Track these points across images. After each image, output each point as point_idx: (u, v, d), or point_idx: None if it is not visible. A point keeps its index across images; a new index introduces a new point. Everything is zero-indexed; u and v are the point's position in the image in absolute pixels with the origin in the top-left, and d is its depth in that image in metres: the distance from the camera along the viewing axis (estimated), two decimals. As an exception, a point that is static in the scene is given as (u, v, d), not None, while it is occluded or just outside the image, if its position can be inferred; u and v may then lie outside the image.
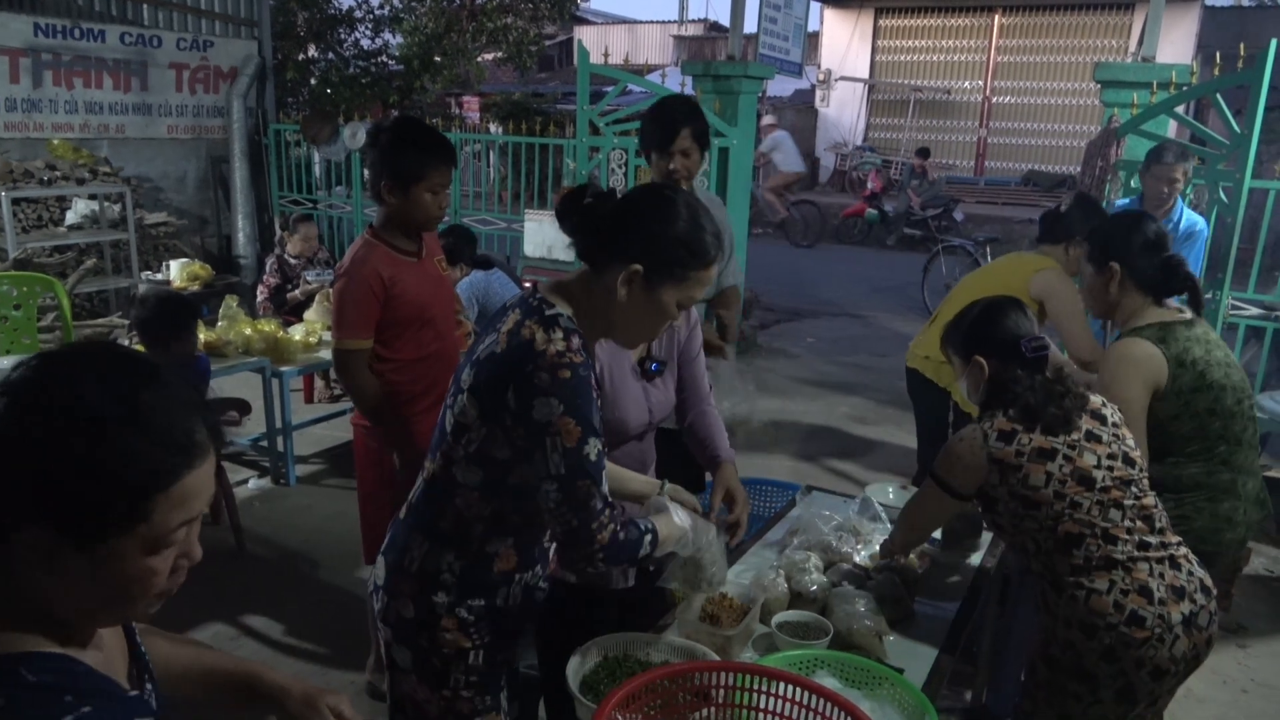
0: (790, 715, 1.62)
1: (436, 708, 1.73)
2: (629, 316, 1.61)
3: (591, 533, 1.56)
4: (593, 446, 1.53)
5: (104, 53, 7.92)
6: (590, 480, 1.54)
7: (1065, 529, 1.90)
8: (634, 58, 18.63)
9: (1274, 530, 4.51)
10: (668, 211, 1.57)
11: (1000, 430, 1.95)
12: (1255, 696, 3.24)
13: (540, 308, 1.58)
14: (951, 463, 2.01)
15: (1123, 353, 2.33)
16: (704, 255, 1.59)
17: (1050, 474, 1.90)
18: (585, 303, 1.61)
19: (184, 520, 0.91)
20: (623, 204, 1.60)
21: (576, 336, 1.55)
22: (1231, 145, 4.75)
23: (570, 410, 1.49)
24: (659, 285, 1.57)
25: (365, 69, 11.61)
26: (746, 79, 7.00)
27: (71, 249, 7.20)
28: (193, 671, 1.28)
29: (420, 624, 1.68)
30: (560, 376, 1.49)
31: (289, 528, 4.22)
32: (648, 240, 1.56)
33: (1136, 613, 1.86)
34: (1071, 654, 1.93)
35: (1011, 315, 2.08)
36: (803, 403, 6.46)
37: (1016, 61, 18.14)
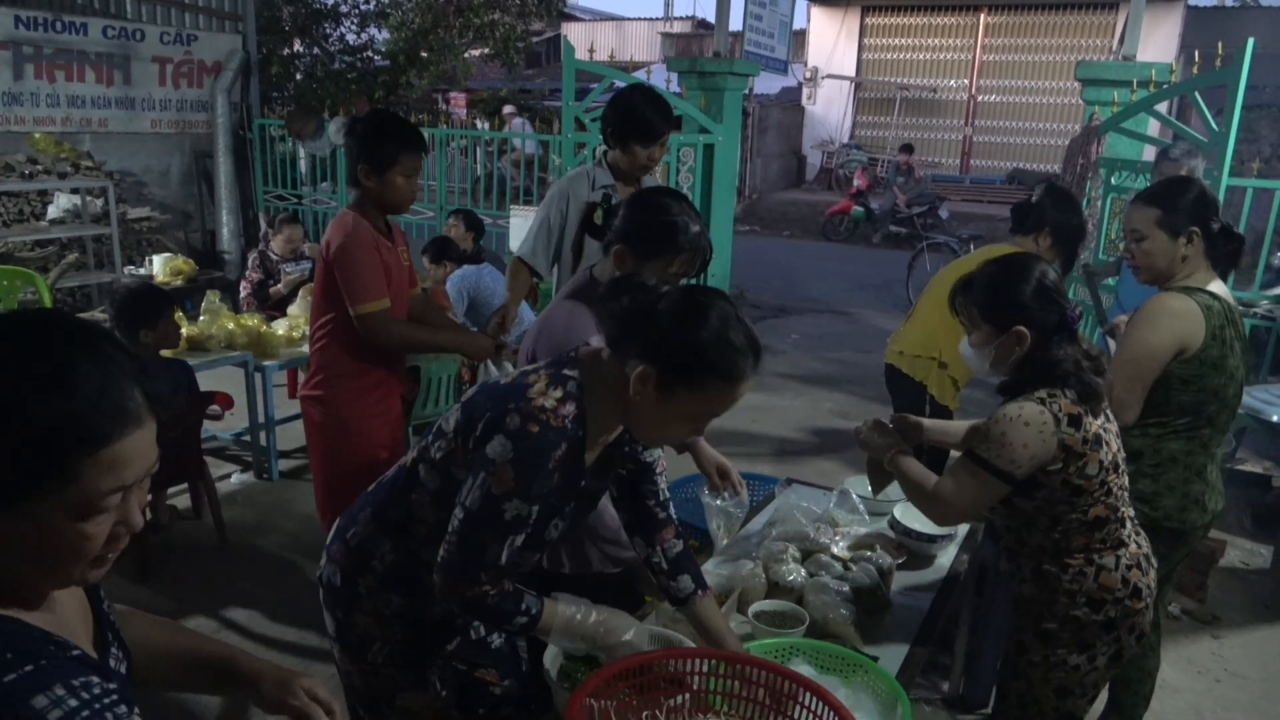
0: (765, 701, 1.64)
1: (360, 679, 1.76)
2: (640, 415, 1.54)
3: (463, 579, 1.51)
4: (513, 508, 1.46)
5: (86, 46, 7.87)
6: (491, 534, 1.48)
7: (1096, 512, 1.89)
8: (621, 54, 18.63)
9: (1249, 523, 4.57)
10: (694, 315, 1.46)
11: (1070, 414, 1.82)
12: (1228, 686, 3.28)
13: (563, 363, 1.56)
14: (1013, 448, 1.82)
15: (1168, 303, 2.30)
16: (725, 373, 1.47)
17: (1102, 462, 1.85)
18: (606, 384, 1.54)
19: (116, 486, 0.91)
20: (658, 299, 1.51)
21: (573, 404, 1.49)
22: (1210, 144, 4.79)
23: (515, 462, 1.44)
24: (672, 392, 1.48)
25: (351, 64, 11.56)
26: (732, 76, 7.03)
27: (53, 243, 7.15)
28: (171, 653, 1.28)
29: (342, 596, 1.71)
30: (528, 428, 1.45)
31: (272, 522, 4.22)
32: (664, 342, 1.46)
33: (1137, 586, 1.93)
34: (1073, 626, 1.94)
35: (1050, 279, 1.92)
36: (787, 398, 6.49)
37: (1002, 60, 18.24)
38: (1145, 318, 2.33)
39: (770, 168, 18.88)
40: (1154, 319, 2.31)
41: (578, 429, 1.50)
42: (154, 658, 1.26)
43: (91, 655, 1.02)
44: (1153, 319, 2.31)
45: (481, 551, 1.49)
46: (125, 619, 1.25)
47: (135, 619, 1.28)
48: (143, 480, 0.98)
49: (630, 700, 1.63)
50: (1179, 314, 2.28)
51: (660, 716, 1.61)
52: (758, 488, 3.31)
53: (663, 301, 1.49)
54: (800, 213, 16.53)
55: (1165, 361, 2.29)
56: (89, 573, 0.96)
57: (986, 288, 1.95)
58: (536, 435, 1.45)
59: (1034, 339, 1.89)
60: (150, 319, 3.50)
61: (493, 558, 1.49)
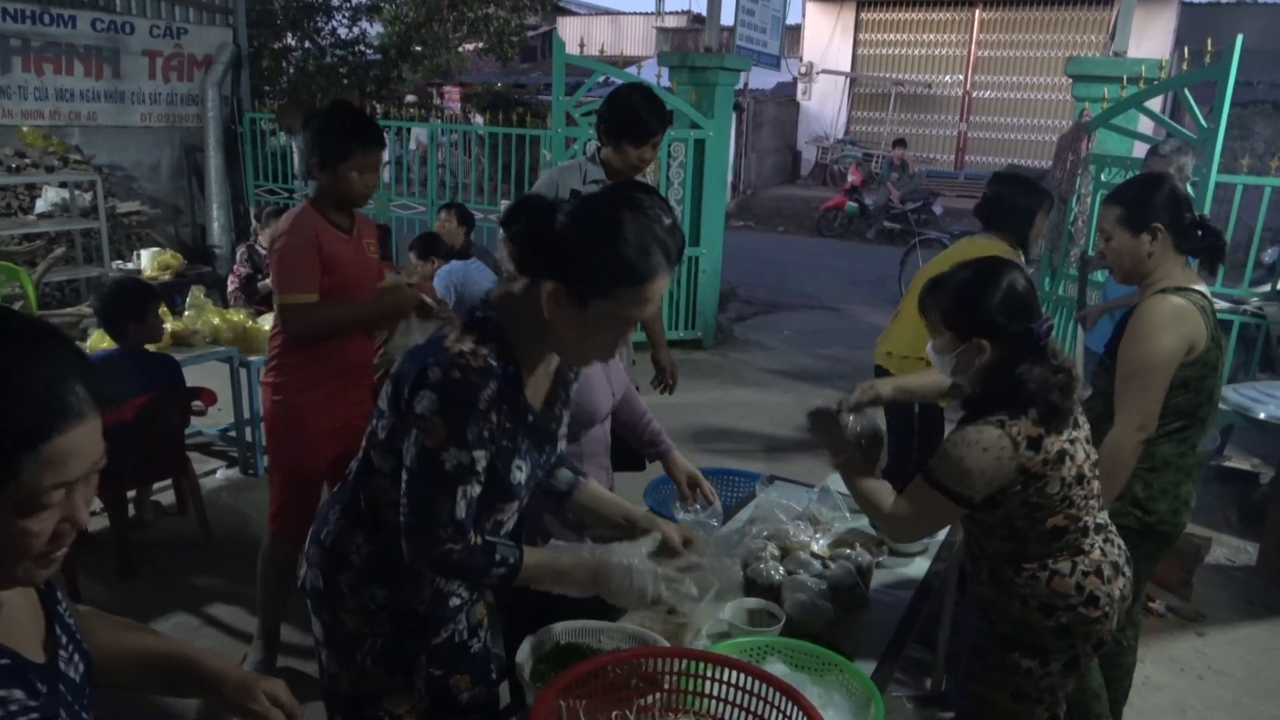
0: (736, 701, 1.63)
1: (346, 681, 1.74)
2: (561, 336, 1.51)
3: (424, 540, 1.49)
4: (452, 458, 1.44)
5: (75, 39, 7.82)
6: (437, 489, 1.46)
7: (1055, 522, 1.87)
8: (616, 49, 18.58)
9: (1236, 520, 4.57)
10: (592, 221, 1.44)
11: (1030, 436, 1.78)
12: (1211, 683, 3.29)
13: (474, 309, 1.54)
14: (969, 474, 1.79)
15: (1171, 305, 2.24)
16: (629, 272, 1.42)
17: (1064, 479, 1.83)
18: (523, 315, 1.51)
19: (58, 482, 0.90)
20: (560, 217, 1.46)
21: (492, 343, 1.48)
22: (1199, 140, 4.79)
23: (444, 411, 1.43)
24: (584, 304, 1.44)
25: (343, 58, 11.51)
26: (723, 71, 7.01)
27: (41, 237, 7.12)
28: (132, 655, 1.27)
29: (326, 598, 1.69)
30: (450, 376, 1.43)
31: (256, 518, 4.19)
32: (568, 254, 1.44)
33: (1094, 594, 1.89)
34: (1025, 629, 1.93)
35: (1020, 289, 1.84)
36: (777, 395, 6.48)
37: (997, 56, 18.25)
38: (1151, 324, 2.24)
39: (765, 163, 18.87)
40: (1161, 324, 2.23)
41: (504, 365, 1.48)
42: (115, 660, 1.25)
43: (33, 660, 1.01)
44: (1160, 324, 2.23)
45: (433, 508, 1.47)
46: (86, 620, 1.24)
47: (96, 620, 1.27)
48: (89, 476, 0.96)
49: (603, 699, 1.62)
50: (1182, 314, 2.24)
51: (630, 716, 1.60)
52: (739, 484, 3.30)
53: (559, 214, 1.46)
54: (795, 208, 16.52)
55: (1175, 367, 2.23)
56: (34, 572, 0.95)
57: (951, 294, 1.88)
58: (459, 380, 1.43)
59: (998, 352, 1.83)
60: (137, 314, 3.50)
61: (446, 513, 1.47)
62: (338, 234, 2.77)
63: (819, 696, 1.80)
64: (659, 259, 1.45)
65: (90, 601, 3.39)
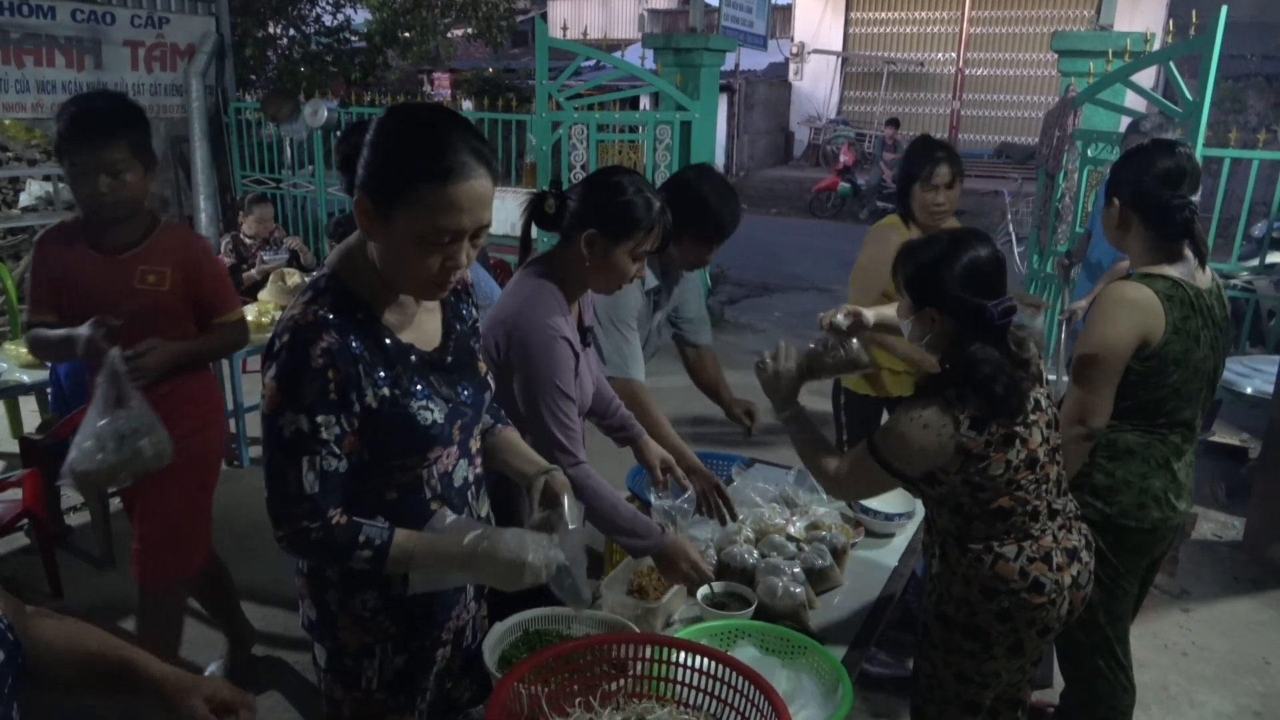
0: (702, 686, 1.62)
1: (350, 708, 1.68)
2: (382, 259, 1.41)
3: (281, 517, 1.41)
4: (289, 422, 1.36)
5: (55, 30, 7.74)
6: (280, 457, 1.38)
7: (1000, 503, 1.83)
8: (609, 33, 18.44)
9: (1223, 496, 4.57)
10: (379, 123, 1.39)
11: (973, 417, 1.75)
12: (1195, 659, 3.29)
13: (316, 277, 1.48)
14: (909, 450, 1.79)
15: (1125, 294, 2.16)
16: (428, 170, 1.33)
17: (1009, 462, 1.78)
18: (357, 252, 1.46)
19: None
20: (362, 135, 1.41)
21: (326, 295, 1.41)
22: (1184, 114, 4.75)
23: (278, 375, 1.37)
24: (389, 216, 1.36)
25: (328, 46, 11.42)
26: (708, 52, 6.96)
27: (26, 231, 7.08)
28: (74, 654, 1.24)
29: (323, 625, 1.63)
30: (281, 340, 1.38)
31: (240, 509, 4.17)
32: (363, 163, 1.37)
33: (1038, 580, 1.85)
34: (966, 611, 1.91)
35: (983, 265, 1.78)
36: (766, 377, 6.47)
37: (989, 33, 18.15)
38: (1102, 311, 2.18)
39: (757, 144, 18.80)
40: (1111, 312, 2.16)
41: (347, 313, 1.41)
42: (59, 659, 1.23)
43: None
44: (1110, 312, 2.16)
45: (282, 482, 1.39)
46: (32, 619, 1.23)
47: (43, 619, 1.25)
48: None
49: (568, 685, 1.62)
50: (1137, 305, 2.13)
51: (594, 702, 1.59)
52: (719, 468, 3.28)
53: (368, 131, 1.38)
54: (788, 190, 16.47)
55: (1127, 356, 2.14)
56: None
57: (914, 259, 1.85)
58: (288, 342, 1.37)
59: (949, 325, 1.80)
60: None
61: (295, 486, 1.38)
62: (90, 250, 2.35)
63: (788, 680, 1.80)
64: (465, 156, 1.33)
65: (71, 593, 3.40)
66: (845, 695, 1.73)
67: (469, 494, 1.66)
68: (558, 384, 1.97)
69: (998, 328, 1.77)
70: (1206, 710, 3.03)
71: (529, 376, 1.97)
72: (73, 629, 1.27)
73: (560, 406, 1.98)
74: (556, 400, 1.97)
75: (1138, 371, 2.16)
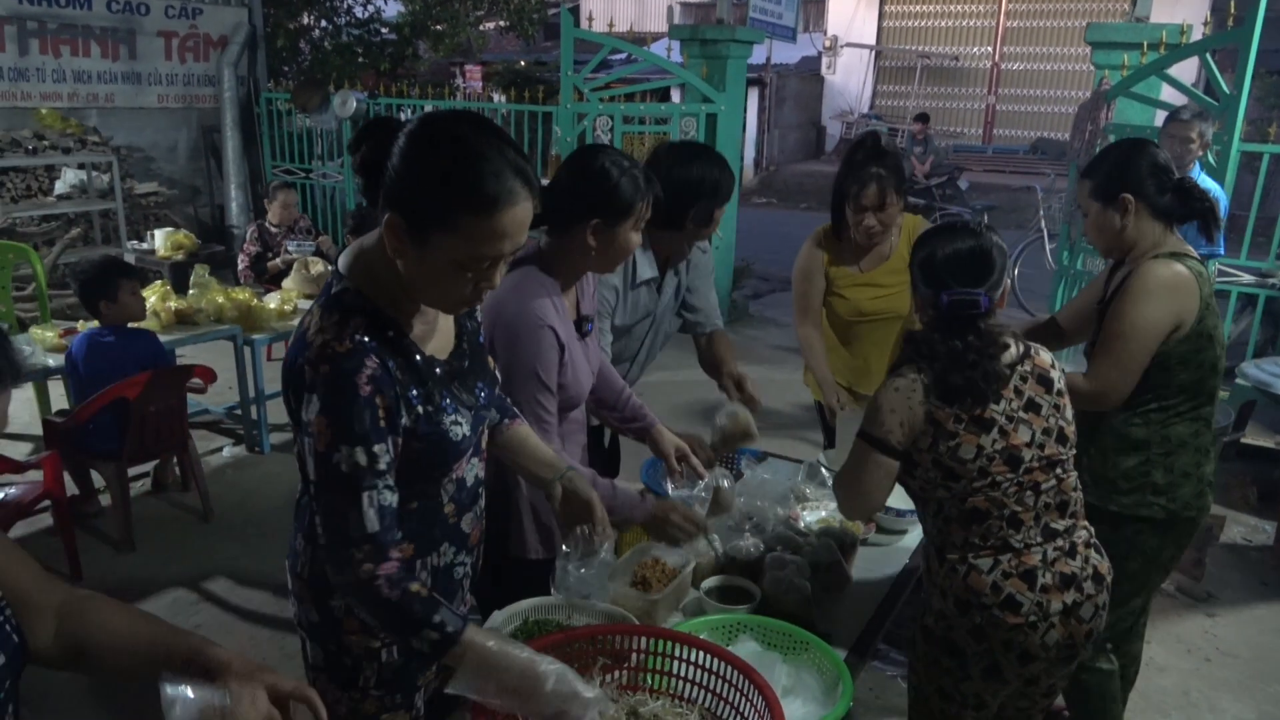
0: (698, 680, 1.60)
1: (345, 707, 1.65)
2: (411, 277, 1.34)
3: (342, 562, 1.34)
4: (345, 457, 1.30)
5: (90, 20, 7.87)
6: (337, 496, 1.32)
7: (975, 503, 1.77)
8: (637, 25, 18.40)
9: (1254, 499, 4.46)
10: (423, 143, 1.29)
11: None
12: (1218, 665, 3.21)
13: (331, 284, 1.39)
14: (883, 413, 1.77)
15: (1162, 273, 2.13)
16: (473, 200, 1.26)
17: (981, 448, 1.73)
18: (377, 264, 1.37)
19: None
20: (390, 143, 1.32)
21: (356, 316, 1.33)
22: (1220, 107, 4.63)
23: (325, 409, 1.29)
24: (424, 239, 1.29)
25: (359, 37, 11.50)
26: (735, 44, 6.90)
27: (60, 218, 7.20)
28: (134, 640, 1.20)
29: (325, 628, 1.60)
30: (320, 371, 1.30)
31: (259, 495, 4.23)
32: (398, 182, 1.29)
33: (1013, 597, 1.75)
34: (943, 625, 1.84)
35: (965, 251, 1.77)
36: (786, 371, 6.41)
37: (1026, 26, 17.84)
38: (1140, 291, 2.14)
39: (788, 139, 18.66)
40: (1150, 292, 2.13)
41: (380, 334, 1.35)
42: (116, 644, 1.19)
43: None
44: (1148, 293, 2.13)
45: (344, 523, 1.32)
46: (86, 603, 1.20)
47: (96, 604, 1.21)
48: None
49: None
50: (1176, 286, 2.12)
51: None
52: (733, 461, 3.25)
53: (397, 141, 1.29)
54: (818, 184, 16.32)
55: (1161, 338, 2.13)
56: None
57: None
58: (329, 373, 1.29)
59: (927, 307, 1.84)
60: (108, 292, 3.54)
61: (357, 527, 1.32)
62: None
63: (789, 675, 1.77)
64: (509, 181, 1.26)
65: (91, 574, 3.45)
66: (845, 693, 1.69)
67: (479, 491, 1.64)
68: (539, 373, 1.95)
69: (969, 318, 1.76)
70: (1228, 717, 2.95)
71: (511, 363, 1.95)
72: (128, 614, 1.24)
73: (538, 398, 1.97)
74: (535, 391, 1.96)
75: (1178, 354, 2.16)
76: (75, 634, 1.18)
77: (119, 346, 3.61)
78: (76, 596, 1.20)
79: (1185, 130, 4.10)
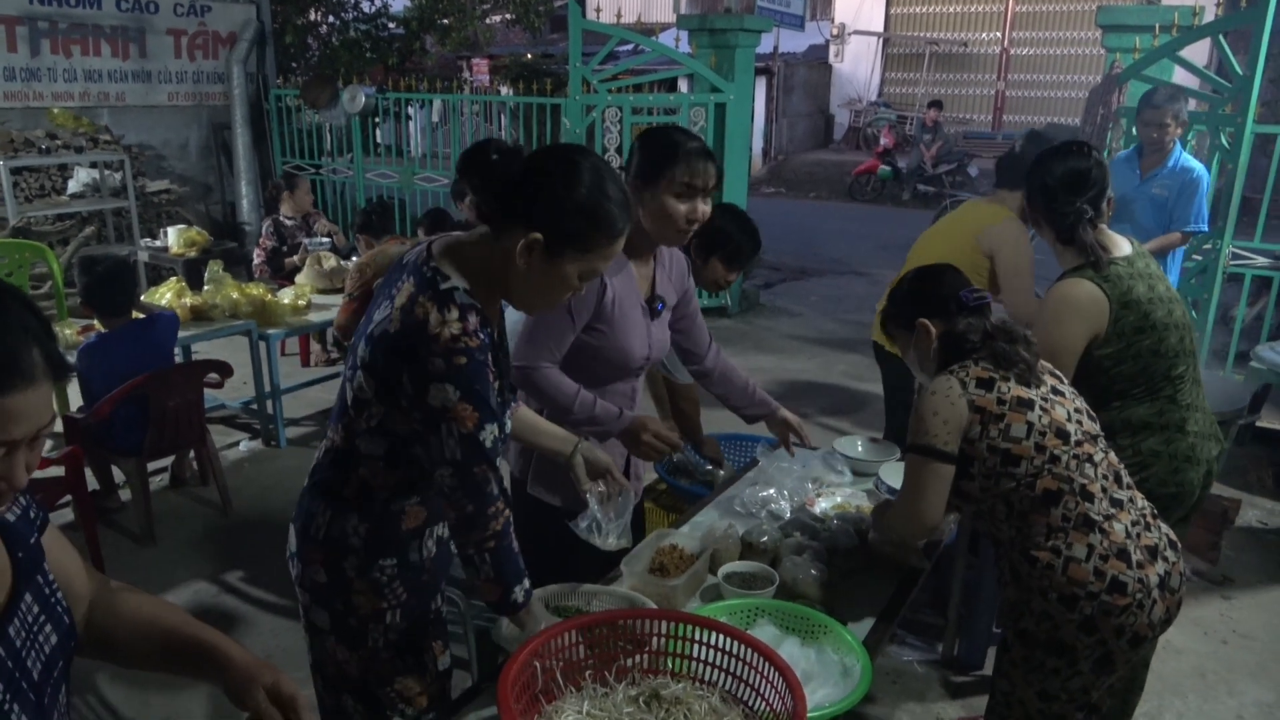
0: (718, 663, 1.61)
1: (356, 667, 1.72)
2: (527, 285, 1.53)
3: (488, 518, 1.54)
4: (489, 432, 1.50)
5: (101, 19, 7.91)
6: (487, 464, 1.52)
7: (1044, 485, 1.77)
8: (645, 16, 18.35)
9: (1270, 482, 4.45)
10: (572, 177, 1.46)
11: (978, 377, 1.81)
12: (1235, 647, 3.21)
13: (434, 280, 1.48)
14: (926, 419, 1.81)
15: (1064, 294, 2.21)
16: (609, 228, 1.49)
17: (1031, 424, 1.77)
18: (481, 268, 1.52)
19: (1, 440, 0.91)
20: (527, 165, 1.49)
21: (474, 314, 1.47)
22: (1233, 89, 4.60)
23: (467, 396, 1.45)
24: (559, 255, 1.48)
25: (366, 32, 11.52)
26: (743, 33, 6.89)
27: (74, 217, 7.25)
28: (155, 630, 1.23)
29: (334, 588, 1.66)
30: (456, 363, 1.44)
31: (276, 489, 4.27)
32: (548, 207, 1.46)
33: (1117, 579, 1.74)
34: (1048, 625, 1.80)
35: (945, 274, 2.00)
36: (801, 360, 6.42)
37: (1035, 11, 17.72)
38: (1052, 316, 2.21)
39: (797, 128, 18.60)
40: (1057, 314, 2.20)
41: (488, 331, 1.52)
42: (138, 634, 1.23)
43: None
44: (1056, 314, 2.21)
45: (489, 487, 1.53)
46: (117, 594, 1.24)
47: (126, 595, 1.25)
48: (34, 441, 0.96)
49: (584, 660, 1.62)
50: (1080, 304, 2.18)
51: (609, 676, 1.59)
52: (744, 449, 3.28)
53: (535, 164, 1.48)
54: (827, 173, 16.29)
55: (1079, 353, 2.20)
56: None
57: (888, 304, 2.07)
58: (467, 365, 1.45)
59: (940, 326, 1.93)
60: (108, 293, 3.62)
61: (498, 487, 1.55)
62: None
63: (807, 659, 1.78)
64: (627, 214, 1.52)
65: (113, 568, 3.49)
66: (864, 675, 1.71)
67: None
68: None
69: (974, 308, 1.91)
70: (1246, 699, 2.95)
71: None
72: (155, 605, 1.27)
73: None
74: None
75: (1106, 357, 2.21)
76: (105, 624, 1.22)
77: (129, 340, 3.64)
78: (109, 587, 1.24)
79: (1159, 116, 4.12)
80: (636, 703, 1.53)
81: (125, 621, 1.22)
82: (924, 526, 1.87)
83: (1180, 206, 4.15)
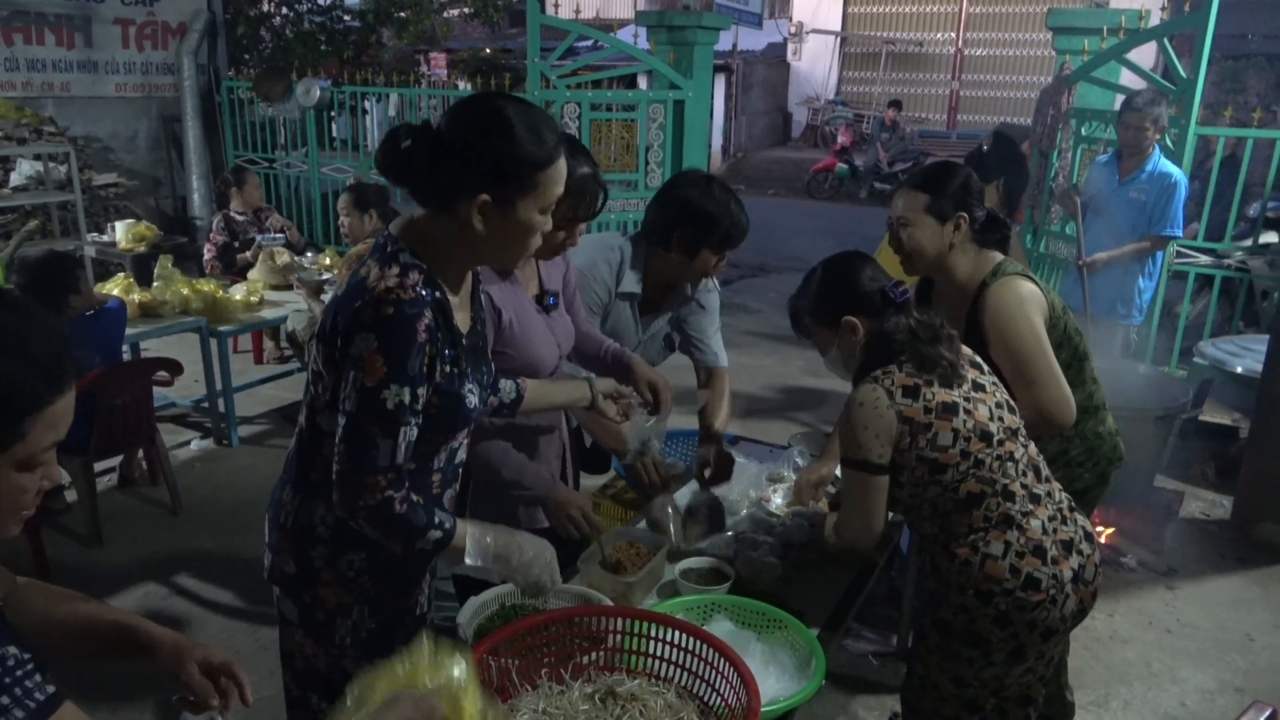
0: (675, 660, 1.62)
1: (324, 662, 1.70)
2: (494, 244, 1.50)
3: (361, 486, 1.45)
4: (393, 394, 1.42)
5: (44, 7, 7.70)
6: (377, 428, 1.43)
7: (968, 488, 1.80)
8: (603, 12, 18.32)
9: (1212, 475, 4.57)
10: (489, 131, 1.43)
11: (904, 386, 1.80)
12: (1179, 636, 3.30)
13: (382, 246, 1.50)
14: (858, 434, 1.81)
15: (1016, 291, 2.25)
16: (545, 158, 1.45)
17: (956, 430, 1.78)
18: (444, 242, 1.51)
19: (53, 442, 1.00)
20: (438, 140, 1.44)
21: (415, 272, 1.46)
22: (1178, 91, 4.72)
23: (382, 348, 1.40)
24: (512, 206, 1.46)
25: (322, 24, 11.34)
26: (702, 30, 6.90)
27: (17, 211, 7.06)
28: (68, 624, 1.26)
29: (301, 579, 1.65)
30: (383, 312, 1.41)
31: (228, 488, 4.20)
32: (479, 169, 1.43)
33: (1032, 575, 1.79)
34: (964, 618, 1.85)
35: (865, 265, 1.99)
36: (758, 357, 6.46)
37: (989, 13, 18.02)
38: (1014, 314, 2.22)
39: (755, 125, 18.71)
40: (1018, 311, 2.22)
41: (431, 291, 1.47)
42: (57, 629, 1.25)
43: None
44: (1017, 312, 2.22)
45: (373, 450, 1.44)
46: (26, 591, 1.25)
47: (36, 590, 1.27)
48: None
49: (540, 658, 1.62)
50: (1029, 295, 2.24)
51: (565, 674, 1.59)
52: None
53: (447, 136, 1.43)
54: (786, 171, 16.40)
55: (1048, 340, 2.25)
56: (11, 526, 1.04)
57: (801, 299, 2.06)
58: (393, 315, 1.41)
59: (866, 323, 1.92)
60: (73, 284, 3.52)
61: (386, 456, 1.44)
62: None
63: (763, 654, 1.80)
64: (553, 134, 1.49)
65: (59, 570, 3.41)
66: (818, 669, 1.72)
67: (459, 473, 1.74)
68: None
69: (900, 305, 1.91)
70: (1189, 685, 3.04)
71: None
72: (66, 598, 1.30)
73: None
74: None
75: (1055, 341, 2.28)
76: (18, 621, 1.21)
77: (95, 336, 3.57)
78: (17, 584, 1.25)
79: (1139, 120, 4.19)
80: (592, 700, 1.53)
81: (39, 615, 1.23)
82: (872, 535, 1.91)
83: (1158, 211, 4.22)
